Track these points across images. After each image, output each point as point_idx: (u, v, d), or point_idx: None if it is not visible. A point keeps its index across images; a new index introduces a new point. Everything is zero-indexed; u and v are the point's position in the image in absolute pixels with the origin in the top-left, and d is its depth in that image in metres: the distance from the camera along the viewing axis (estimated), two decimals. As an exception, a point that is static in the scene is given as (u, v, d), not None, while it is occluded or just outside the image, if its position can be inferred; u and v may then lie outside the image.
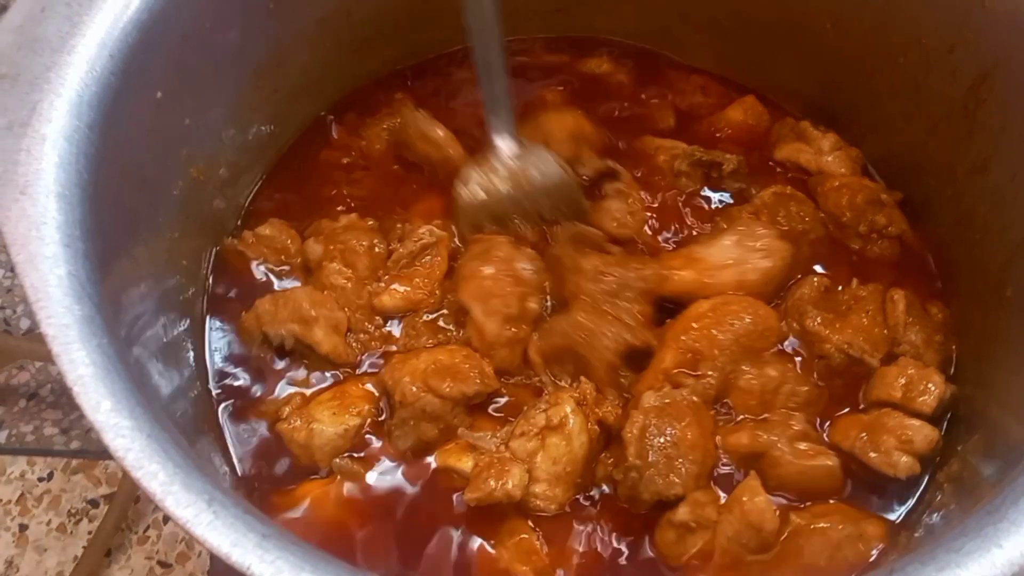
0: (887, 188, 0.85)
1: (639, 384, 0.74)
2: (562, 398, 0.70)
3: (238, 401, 0.77)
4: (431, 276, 0.79)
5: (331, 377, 0.77)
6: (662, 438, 0.69)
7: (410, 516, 0.71)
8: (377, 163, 0.89)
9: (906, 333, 0.76)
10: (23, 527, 0.94)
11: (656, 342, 0.75)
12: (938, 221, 0.82)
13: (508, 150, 0.81)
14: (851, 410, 0.75)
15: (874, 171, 0.88)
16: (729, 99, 0.93)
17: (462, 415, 0.73)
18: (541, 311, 0.77)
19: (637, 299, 0.76)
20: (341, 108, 0.92)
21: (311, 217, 0.84)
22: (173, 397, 0.68)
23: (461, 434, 0.72)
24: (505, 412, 0.75)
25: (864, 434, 0.71)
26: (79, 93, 0.59)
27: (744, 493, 0.67)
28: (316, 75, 0.88)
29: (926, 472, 0.71)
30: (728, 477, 0.72)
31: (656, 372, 0.73)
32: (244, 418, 0.76)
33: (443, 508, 0.71)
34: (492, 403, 0.75)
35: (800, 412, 0.74)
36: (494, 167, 0.81)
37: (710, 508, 0.68)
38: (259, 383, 0.77)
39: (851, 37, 0.84)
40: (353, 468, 0.72)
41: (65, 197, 0.56)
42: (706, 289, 0.77)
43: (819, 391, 0.75)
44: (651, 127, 0.92)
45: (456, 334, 0.77)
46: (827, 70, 0.88)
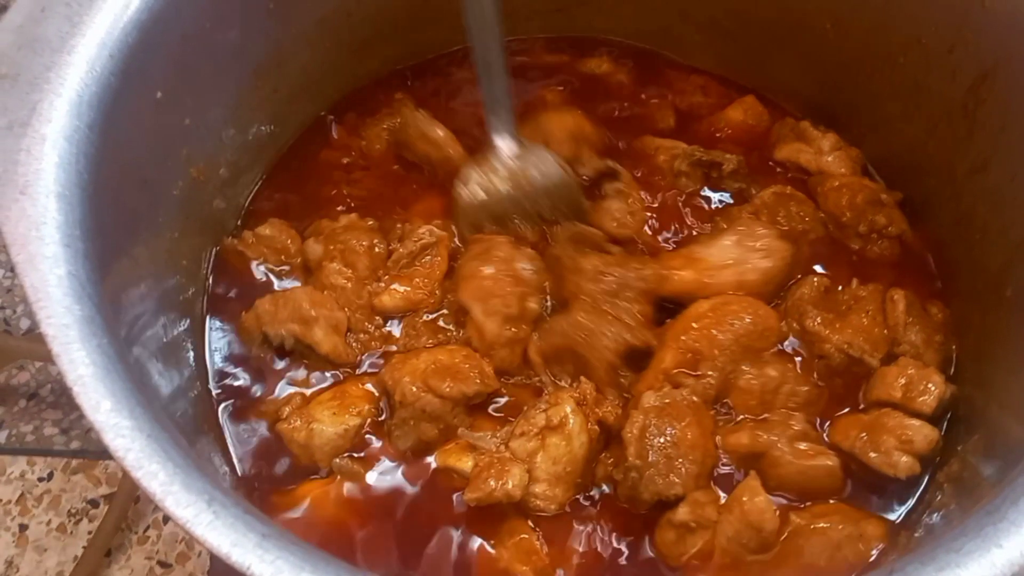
0: (887, 188, 0.85)
1: (639, 384, 0.74)
2: (562, 398, 0.70)
3: (238, 401, 0.77)
4: (431, 276, 0.79)
5: (331, 377, 0.77)
6: (662, 438, 0.69)
7: (410, 516, 0.71)
8: (377, 163, 0.89)
9: (906, 333, 0.76)
10: (23, 527, 0.94)
11: (656, 342, 0.75)
12: (938, 221, 0.82)
13: (508, 150, 0.81)
14: (851, 410, 0.75)
15: (874, 171, 0.88)
16: (729, 99, 0.93)
17: (462, 415, 0.73)
18: (541, 311, 0.77)
19: (637, 299, 0.76)
20: (341, 108, 0.92)
21: (311, 217, 0.84)
22: (173, 397, 0.68)
23: (461, 434, 0.72)
24: (505, 412, 0.75)
25: (864, 434, 0.71)
26: (79, 93, 0.59)
27: (744, 493, 0.67)
28: (316, 75, 0.88)
29: (926, 472, 0.71)
30: (728, 477, 0.72)
31: (656, 372, 0.73)
32: (244, 418, 0.76)
33: (443, 508, 0.71)
34: (492, 403, 0.75)
35: (800, 412, 0.74)
36: (494, 167, 0.81)
37: (710, 508, 0.68)
38: (259, 383, 0.77)
39: (851, 37, 0.84)
40: (353, 468, 0.72)
41: (65, 197, 0.56)
42: (706, 289, 0.77)
43: (819, 391, 0.75)
44: (651, 127, 0.92)
45: (456, 334, 0.77)
46: (827, 70, 0.88)
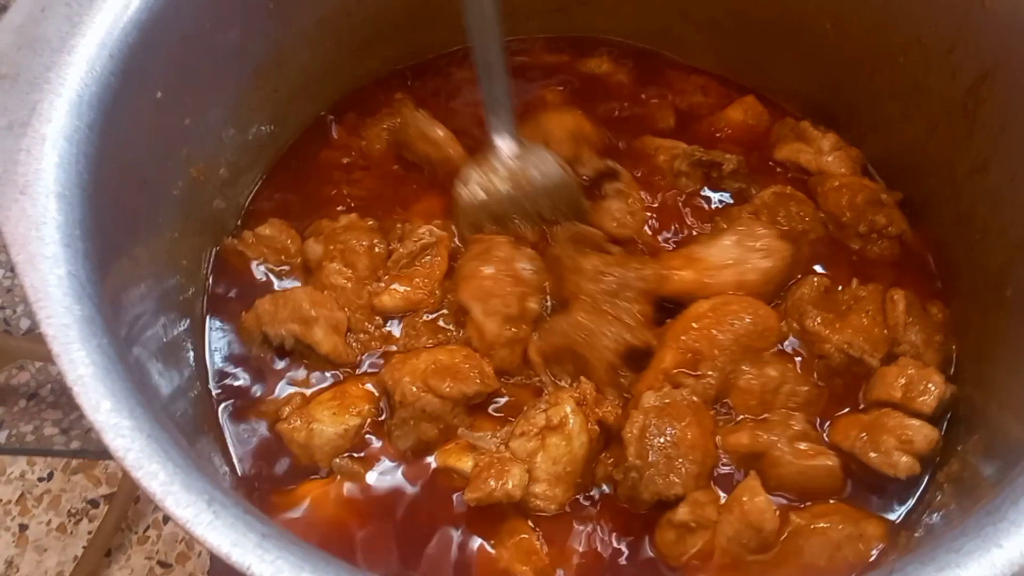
0: (887, 188, 0.85)
1: (639, 384, 0.74)
2: (562, 398, 0.70)
3: (238, 401, 0.77)
4: (431, 276, 0.79)
5: (331, 377, 0.77)
6: (662, 438, 0.69)
7: (410, 516, 0.71)
8: (377, 163, 0.89)
9: (906, 333, 0.76)
10: (23, 527, 0.94)
11: (656, 342, 0.75)
12: (938, 221, 0.82)
13: (508, 150, 0.81)
14: (851, 410, 0.75)
15: (874, 171, 0.88)
16: (729, 99, 0.93)
17: (462, 415, 0.73)
18: (541, 311, 0.77)
19: (637, 299, 0.76)
20: (341, 108, 0.92)
21: (311, 217, 0.84)
22: (173, 397, 0.68)
23: (461, 434, 0.72)
24: (505, 412, 0.75)
25: (864, 434, 0.71)
26: (79, 93, 0.59)
27: (744, 493, 0.67)
28: (316, 75, 0.88)
29: (926, 472, 0.71)
30: (728, 477, 0.72)
31: (656, 372, 0.73)
32: (244, 418, 0.76)
33: (443, 508, 0.71)
34: (492, 403, 0.75)
35: (800, 412, 0.74)
36: (494, 167, 0.81)
37: (710, 508, 0.68)
38: (259, 383, 0.77)
39: (851, 37, 0.84)
40: (353, 468, 0.72)
41: (65, 197, 0.56)
42: (706, 289, 0.77)
43: (819, 391, 0.75)
44: (651, 127, 0.92)
45: (456, 334, 0.77)
46: (827, 70, 0.88)
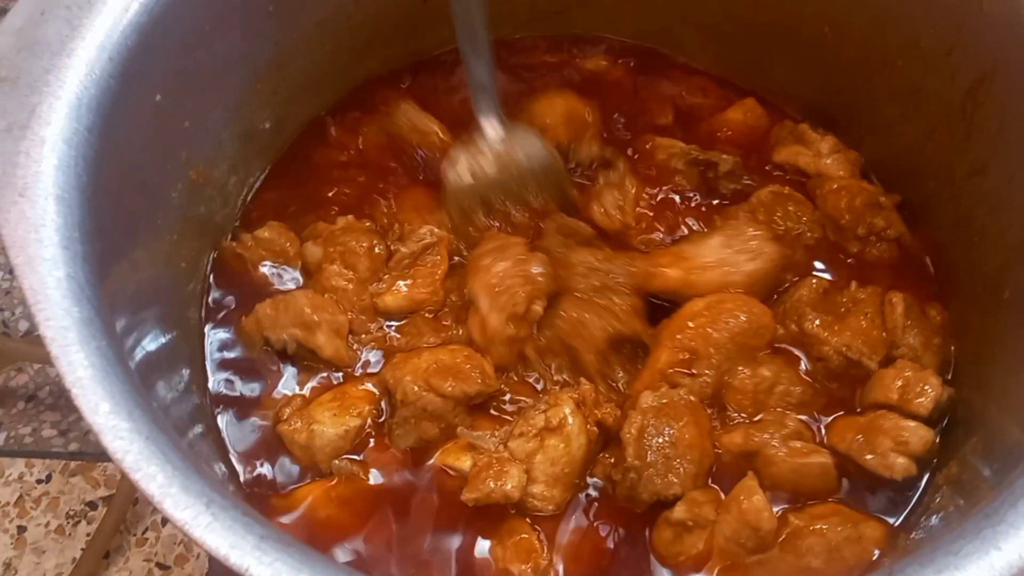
0: (885, 191, 0.85)
1: (636, 384, 0.74)
2: (561, 399, 0.70)
3: (237, 403, 0.76)
4: (433, 275, 0.79)
5: (331, 378, 0.77)
6: (660, 438, 0.69)
7: (410, 516, 0.71)
8: (375, 162, 0.89)
9: (904, 336, 0.76)
10: (21, 529, 0.94)
11: (642, 328, 0.76)
12: (936, 223, 0.82)
13: (494, 132, 0.81)
14: (848, 413, 0.75)
15: (872, 174, 0.88)
16: (728, 101, 0.93)
17: (463, 414, 0.73)
18: (542, 314, 0.77)
19: (625, 293, 0.76)
20: (341, 108, 0.92)
21: (311, 218, 0.84)
22: (172, 399, 0.68)
23: (460, 433, 0.72)
24: (505, 412, 0.75)
25: (860, 436, 0.71)
26: (78, 96, 0.59)
27: (741, 493, 0.67)
28: (316, 77, 0.88)
29: (924, 474, 0.71)
30: (726, 477, 0.71)
31: (652, 372, 0.73)
32: (243, 420, 0.76)
33: (443, 508, 0.71)
34: (492, 403, 0.75)
35: (794, 412, 0.74)
36: (481, 149, 0.81)
37: (707, 507, 0.68)
38: (258, 384, 0.77)
39: (850, 40, 0.84)
40: (353, 469, 0.72)
41: (64, 200, 0.56)
42: (692, 288, 0.77)
43: (814, 391, 0.75)
44: (650, 124, 0.92)
45: (456, 332, 0.77)
46: (826, 73, 0.88)
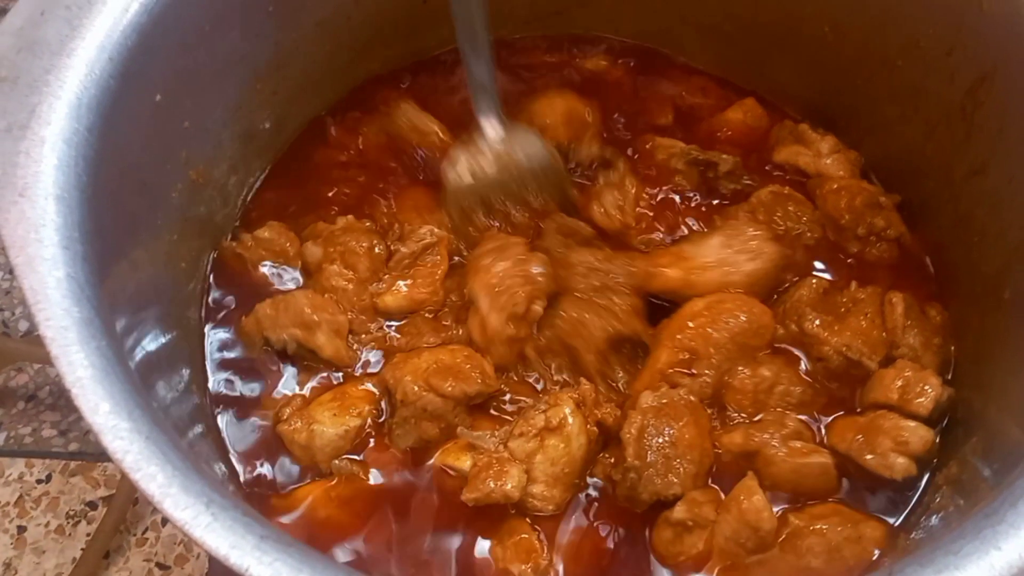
0: (885, 191, 0.85)
1: (636, 384, 0.74)
2: (561, 399, 0.70)
3: (237, 403, 0.76)
4: (433, 275, 0.79)
5: (331, 378, 0.77)
6: (660, 438, 0.69)
7: (410, 516, 0.71)
8: (375, 162, 0.89)
9: (904, 336, 0.76)
10: (21, 529, 0.94)
11: (642, 328, 0.76)
12: (936, 223, 0.82)
13: (494, 132, 0.81)
14: (848, 413, 0.75)
15: (872, 174, 0.88)
16: (728, 101, 0.93)
17: (463, 414, 0.73)
18: (542, 314, 0.77)
19: (625, 293, 0.76)
20: (341, 108, 0.92)
21: (311, 218, 0.84)
22: (172, 399, 0.68)
23: (460, 433, 0.72)
24: (505, 412, 0.75)
25: (860, 436, 0.71)
26: (78, 96, 0.59)
27: (741, 492, 0.67)
28: (315, 77, 0.88)
29: (924, 474, 0.71)
30: (726, 477, 0.71)
31: (652, 372, 0.73)
32: (243, 420, 0.76)
33: (443, 508, 0.71)
34: (492, 403, 0.75)
35: (794, 412, 0.74)
36: (480, 149, 0.81)
37: (707, 507, 0.68)
38: (258, 384, 0.77)
39: (849, 40, 0.84)
40: (353, 469, 0.72)
41: (64, 199, 0.56)
42: (692, 288, 0.77)
43: (814, 391, 0.75)
44: (650, 124, 0.92)
45: (456, 332, 0.77)
46: (826, 73, 0.88)
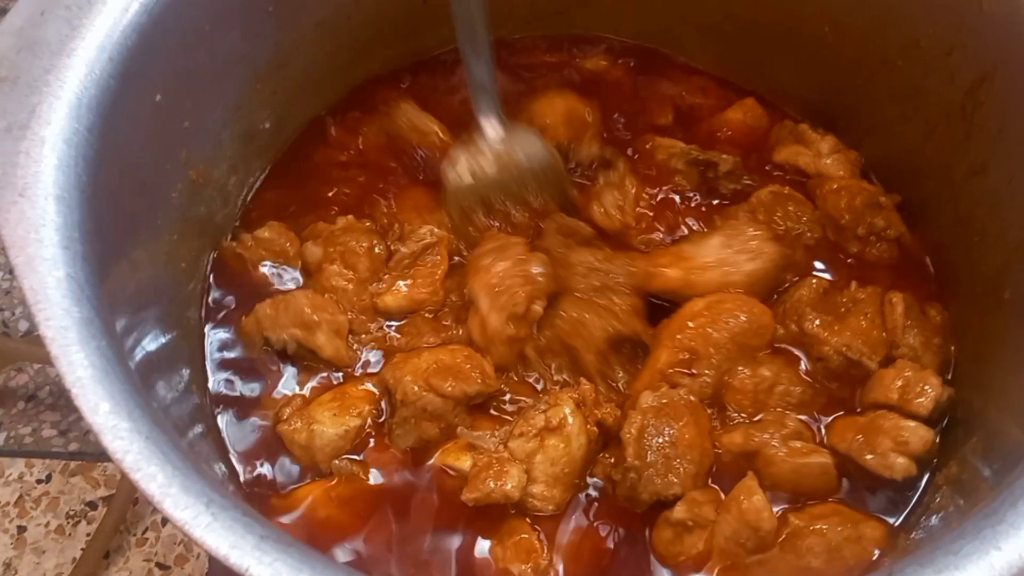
0: (885, 191, 0.85)
1: (636, 384, 0.74)
2: (561, 399, 0.70)
3: (237, 403, 0.76)
4: (432, 275, 0.79)
5: (331, 378, 0.77)
6: (660, 438, 0.69)
7: (410, 516, 0.71)
8: (375, 162, 0.89)
9: (904, 336, 0.76)
10: (21, 529, 0.94)
11: (642, 327, 0.76)
12: (936, 223, 0.82)
13: (494, 132, 0.81)
14: (848, 413, 0.75)
15: (872, 174, 0.88)
16: (728, 101, 0.93)
17: (463, 414, 0.73)
18: (542, 314, 0.77)
19: (625, 293, 0.76)
20: (341, 108, 0.92)
21: (311, 218, 0.84)
22: (172, 399, 0.68)
23: (460, 433, 0.72)
24: (505, 412, 0.75)
25: (860, 436, 0.71)
26: (78, 96, 0.59)
27: (741, 492, 0.67)
28: (316, 77, 0.88)
29: (924, 474, 0.71)
30: (726, 477, 0.71)
31: (652, 372, 0.73)
32: (243, 420, 0.76)
33: (443, 508, 0.71)
34: (492, 403, 0.75)
35: (794, 412, 0.74)
36: (480, 149, 0.82)
37: (707, 507, 0.68)
38: (258, 384, 0.77)
39: (849, 40, 0.84)
40: (353, 469, 0.73)
41: (64, 199, 0.56)
42: (692, 288, 0.77)
43: (814, 392, 0.75)
44: (650, 124, 0.92)
45: (456, 332, 0.77)
46: (826, 73, 0.88)
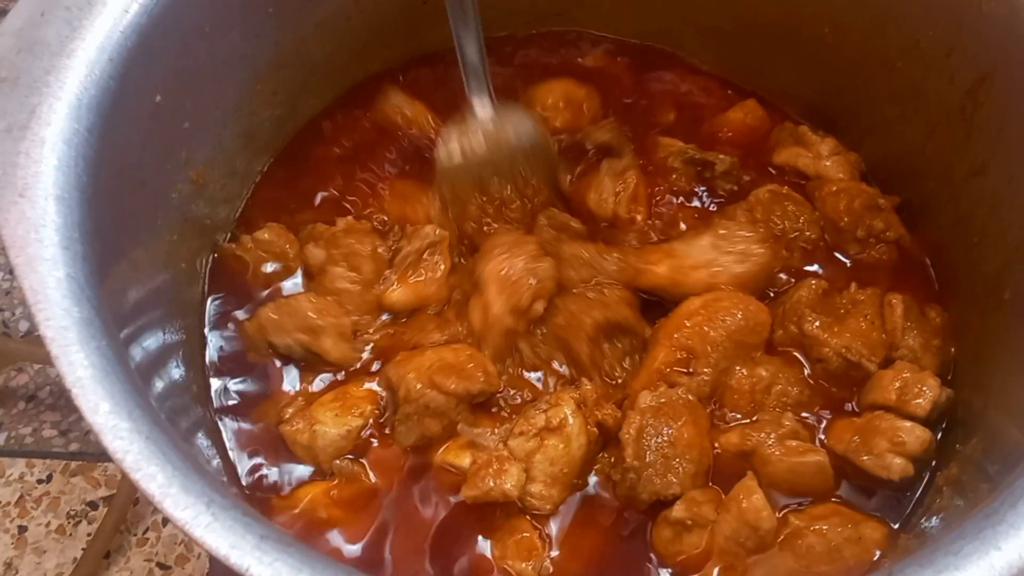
0: (885, 192, 0.85)
1: (635, 383, 0.74)
2: (563, 399, 0.70)
3: (237, 403, 0.77)
4: (436, 272, 0.80)
5: (333, 377, 0.77)
6: (659, 438, 0.69)
7: (410, 515, 0.71)
8: (375, 161, 0.89)
9: (904, 337, 0.76)
10: (22, 529, 0.94)
11: (633, 316, 0.76)
12: (936, 224, 0.82)
13: (485, 111, 0.82)
14: (847, 414, 0.75)
15: (872, 175, 0.88)
16: (730, 102, 0.93)
17: (465, 412, 0.73)
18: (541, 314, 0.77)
19: (616, 287, 0.77)
20: (340, 108, 0.92)
21: (311, 217, 0.84)
22: (172, 399, 0.68)
23: (461, 430, 0.73)
24: (506, 410, 0.75)
25: (857, 437, 0.71)
26: (78, 97, 0.59)
27: (741, 492, 0.67)
28: (316, 77, 0.88)
29: (924, 475, 0.71)
30: (725, 476, 0.71)
31: (650, 371, 0.74)
32: (244, 419, 0.76)
33: (444, 506, 0.71)
34: (495, 402, 0.75)
35: (792, 412, 0.74)
36: (472, 128, 0.82)
37: (707, 507, 0.68)
38: (259, 385, 0.77)
39: (849, 41, 0.84)
40: (354, 469, 0.73)
41: (64, 200, 0.56)
42: (678, 287, 0.77)
43: (812, 392, 0.75)
44: (651, 122, 0.92)
45: (460, 329, 0.77)
46: (826, 74, 0.88)
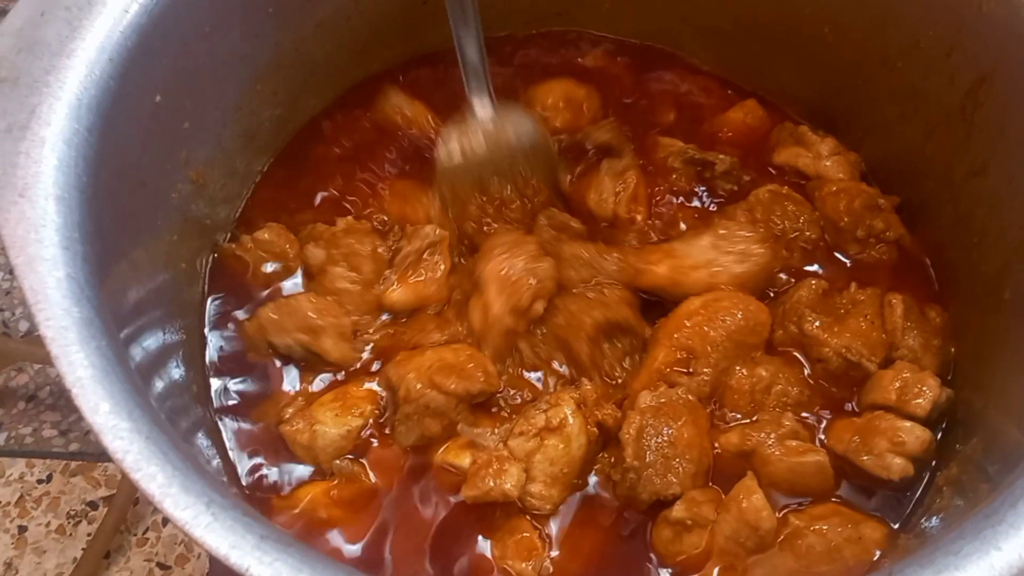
0: (885, 192, 0.85)
1: (635, 383, 0.74)
2: (563, 399, 0.70)
3: (237, 403, 0.77)
4: (436, 272, 0.80)
5: (333, 377, 0.77)
6: (659, 438, 0.69)
7: (410, 515, 0.71)
8: (375, 160, 0.89)
9: (904, 337, 0.76)
10: (22, 529, 0.94)
11: (632, 316, 0.76)
12: (936, 224, 0.82)
13: (485, 111, 0.82)
14: (847, 414, 0.75)
15: (872, 175, 0.88)
16: (730, 102, 0.93)
17: (465, 412, 0.73)
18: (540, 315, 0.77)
19: (616, 287, 0.77)
20: (340, 107, 0.92)
21: (311, 217, 0.84)
22: (172, 399, 0.68)
23: (461, 430, 0.73)
24: (506, 410, 0.75)
25: (857, 437, 0.71)
26: (78, 97, 0.59)
27: (741, 492, 0.67)
28: (316, 77, 0.88)
29: (924, 475, 0.71)
30: (725, 476, 0.71)
31: (650, 371, 0.74)
32: (244, 420, 0.76)
33: (444, 506, 0.71)
34: (495, 402, 0.75)
35: (792, 412, 0.74)
36: (472, 128, 0.82)
37: (707, 507, 0.68)
38: (259, 385, 0.77)
39: (849, 41, 0.84)
40: (354, 469, 0.73)
41: (64, 200, 0.56)
42: (678, 287, 0.77)
43: (812, 392, 0.75)
44: (651, 122, 0.92)
45: (459, 329, 0.77)
46: (826, 74, 0.88)
